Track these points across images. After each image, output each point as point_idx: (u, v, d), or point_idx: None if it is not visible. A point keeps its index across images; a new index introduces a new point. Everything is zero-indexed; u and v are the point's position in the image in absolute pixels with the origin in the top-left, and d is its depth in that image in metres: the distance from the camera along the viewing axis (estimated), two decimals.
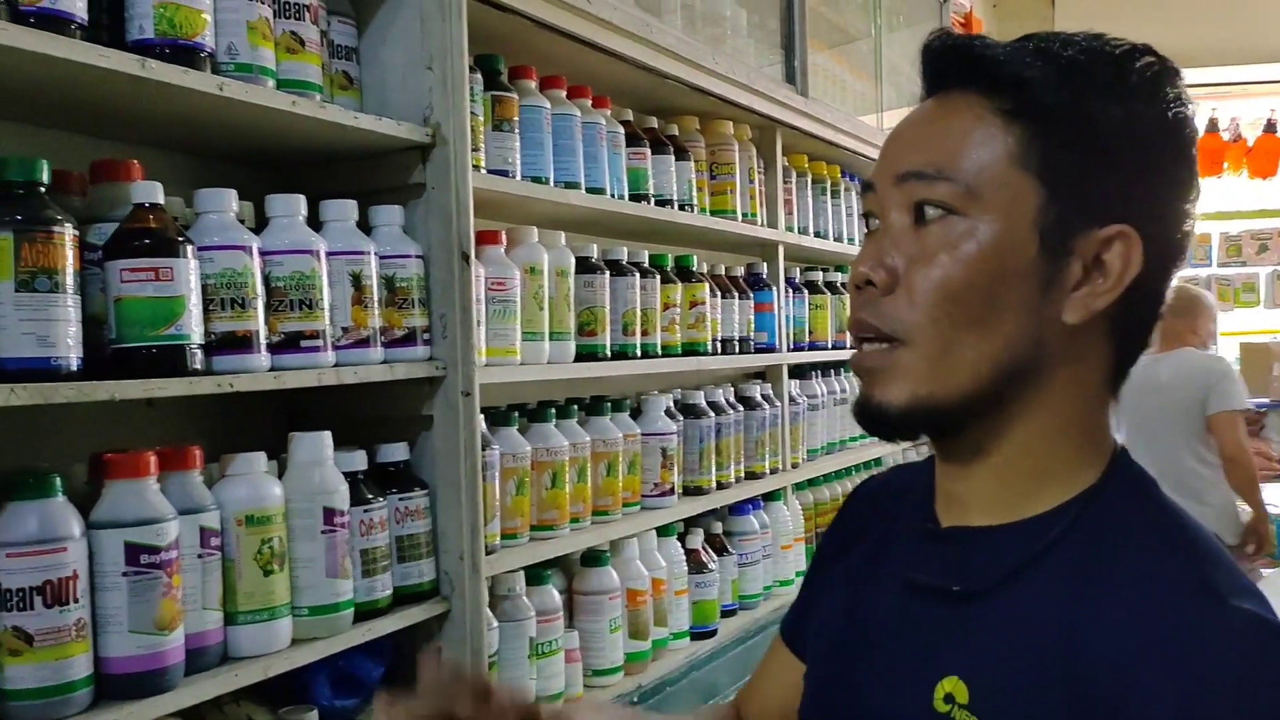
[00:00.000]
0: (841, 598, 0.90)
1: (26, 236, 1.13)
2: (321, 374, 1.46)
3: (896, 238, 0.79)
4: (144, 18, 1.28)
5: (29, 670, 1.13)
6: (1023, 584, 0.77)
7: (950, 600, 0.79)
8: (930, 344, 0.77)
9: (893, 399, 0.78)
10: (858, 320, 0.80)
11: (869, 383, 0.80)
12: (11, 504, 1.16)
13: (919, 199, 0.78)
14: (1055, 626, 0.73)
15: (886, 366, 0.78)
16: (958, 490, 0.83)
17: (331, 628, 1.46)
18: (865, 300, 0.79)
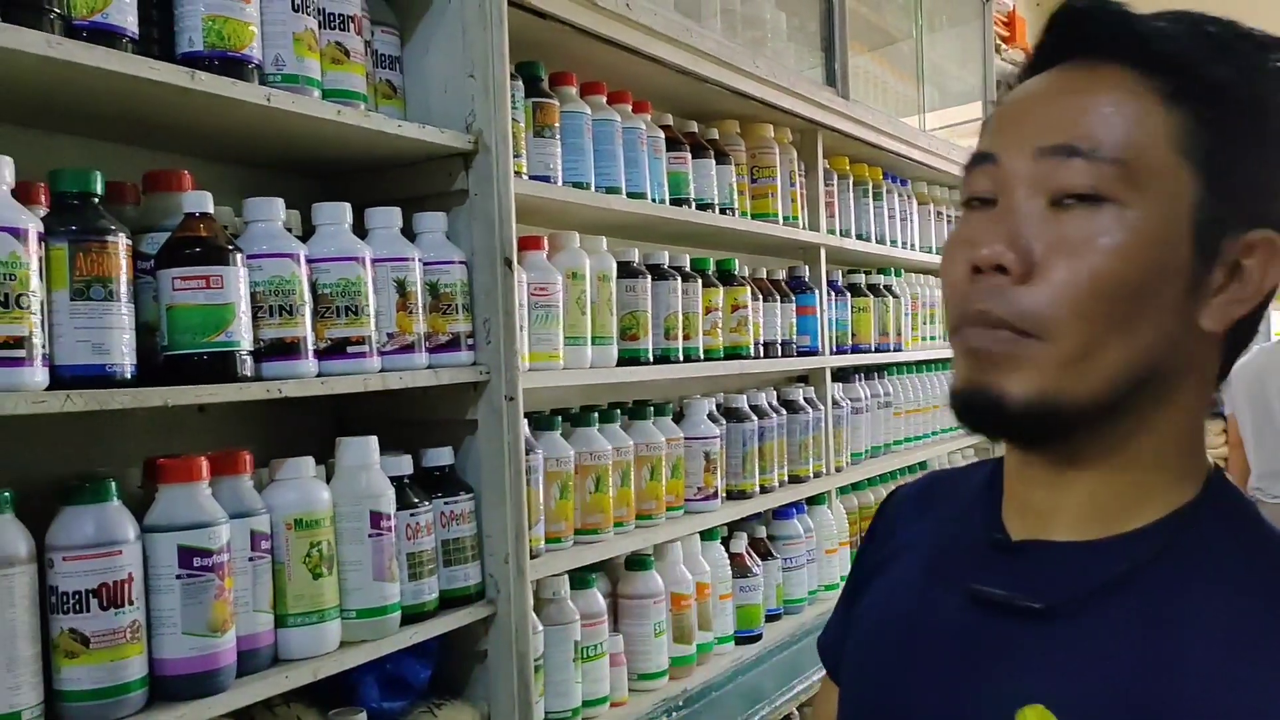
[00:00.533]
0: (890, 611, 0.84)
1: (81, 246, 1.16)
2: (367, 379, 1.48)
3: (1029, 219, 0.70)
4: (193, 31, 1.31)
5: (85, 671, 1.16)
6: (1110, 604, 0.70)
7: (1026, 617, 0.73)
8: (1071, 343, 0.69)
9: (1015, 390, 0.70)
10: (980, 312, 0.71)
11: (985, 367, 0.71)
12: (69, 508, 1.18)
13: (1064, 178, 0.70)
14: (1142, 657, 0.68)
15: (1013, 354, 0.70)
16: (1040, 500, 0.76)
17: (379, 630, 1.47)
18: (992, 288, 0.70)
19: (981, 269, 0.71)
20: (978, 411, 0.73)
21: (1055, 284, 0.69)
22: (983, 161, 0.75)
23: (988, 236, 0.71)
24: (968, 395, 0.73)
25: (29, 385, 1.09)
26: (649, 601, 2.05)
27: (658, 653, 2.07)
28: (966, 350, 0.73)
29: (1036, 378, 0.70)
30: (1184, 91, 0.70)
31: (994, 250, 0.70)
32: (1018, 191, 0.71)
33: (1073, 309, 0.69)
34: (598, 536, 1.93)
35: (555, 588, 1.85)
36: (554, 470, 1.83)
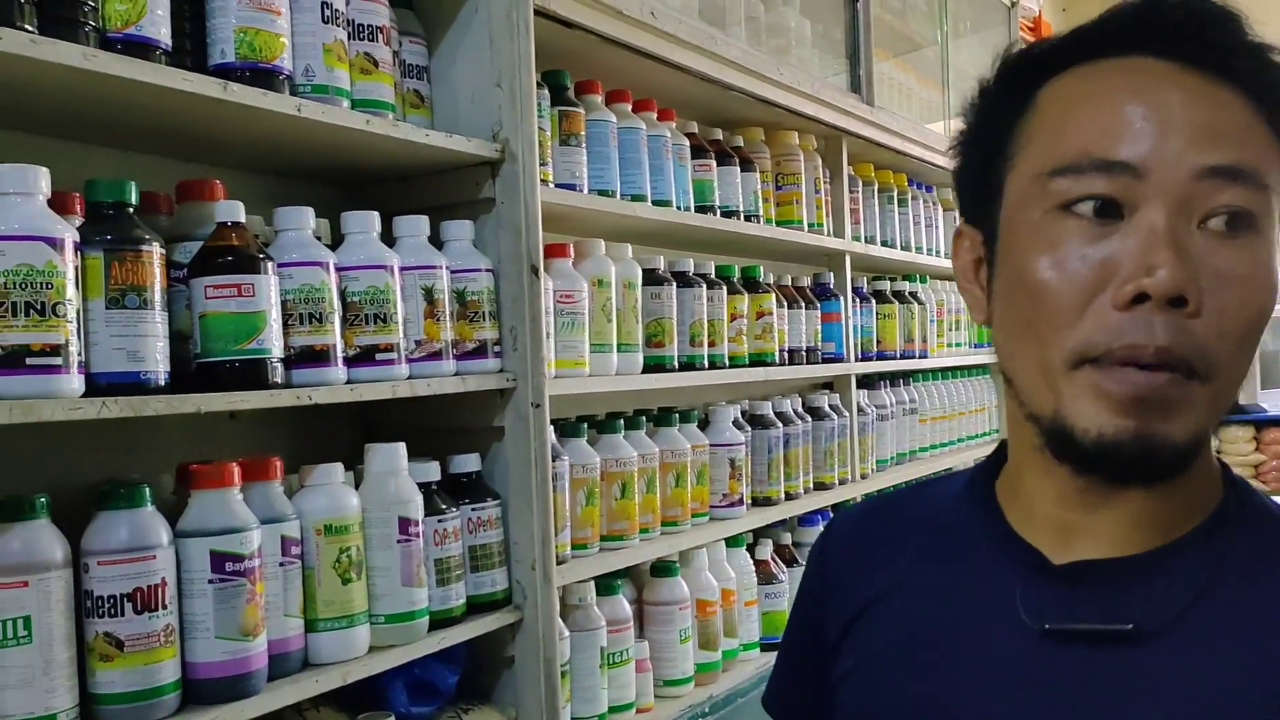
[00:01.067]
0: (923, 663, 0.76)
1: (116, 255, 1.18)
2: (396, 386, 1.49)
3: (1189, 245, 0.64)
4: (225, 42, 1.33)
5: (119, 675, 1.17)
6: (1201, 613, 0.68)
7: (1110, 644, 0.69)
8: (1227, 380, 0.66)
9: (1178, 435, 0.65)
10: (1165, 352, 0.63)
11: (1157, 415, 0.65)
12: (103, 513, 1.20)
13: (1225, 202, 0.65)
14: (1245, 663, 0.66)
15: (1179, 400, 0.65)
16: (1086, 522, 0.72)
17: (407, 635, 1.48)
18: (1171, 324, 0.63)
19: (1151, 297, 0.63)
20: (1135, 460, 0.66)
21: (1227, 318, 0.65)
22: (1116, 170, 0.66)
23: (1154, 258, 0.64)
24: (1132, 445, 0.65)
25: (65, 392, 1.11)
26: (674, 608, 2.05)
27: (683, 659, 2.07)
28: (1132, 396, 0.64)
29: (1194, 420, 0.66)
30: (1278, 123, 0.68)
31: (1175, 277, 0.63)
32: (1168, 209, 0.64)
33: (1238, 344, 0.65)
34: (623, 543, 1.94)
35: (581, 594, 1.85)
36: (580, 477, 1.84)
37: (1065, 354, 0.66)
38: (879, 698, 0.79)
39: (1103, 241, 0.66)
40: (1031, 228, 0.69)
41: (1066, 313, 0.66)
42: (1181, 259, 0.63)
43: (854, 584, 0.84)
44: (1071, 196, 0.67)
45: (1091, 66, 0.71)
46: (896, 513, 0.87)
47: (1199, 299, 0.64)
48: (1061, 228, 0.67)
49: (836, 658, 0.83)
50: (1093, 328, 0.65)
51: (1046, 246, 0.68)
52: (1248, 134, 0.66)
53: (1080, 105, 0.69)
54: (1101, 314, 0.65)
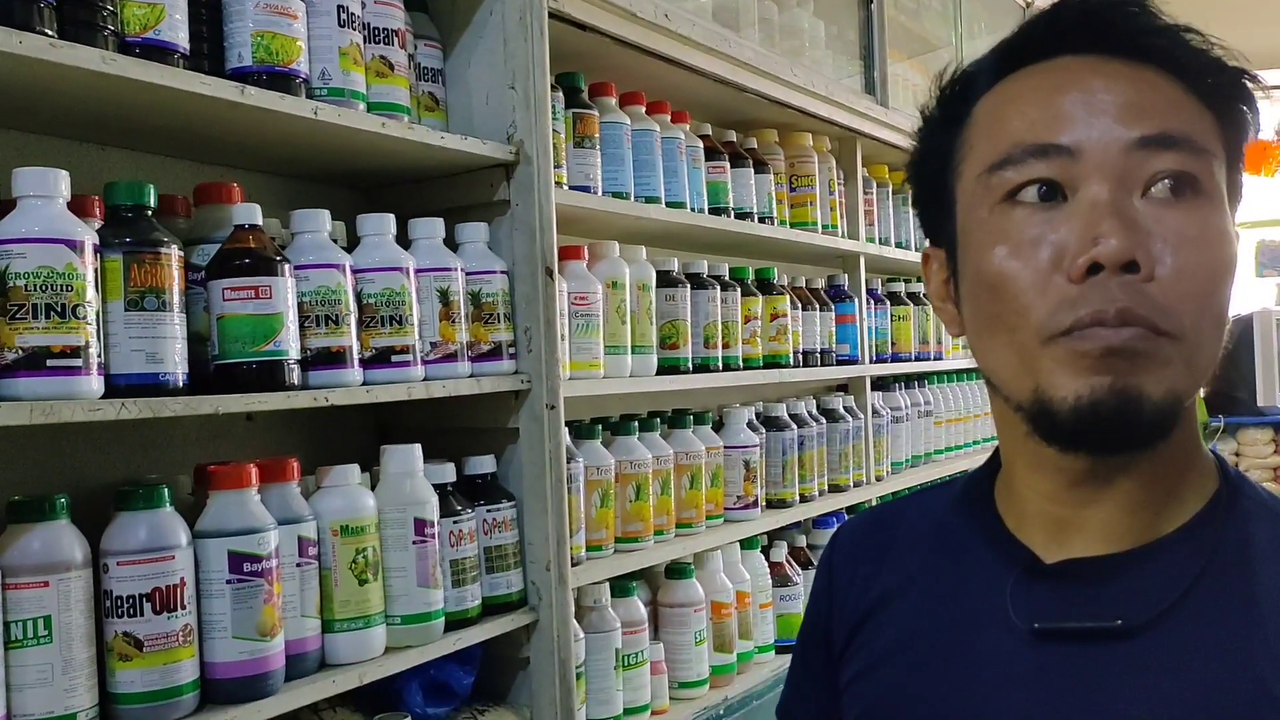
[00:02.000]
0: (919, 665, 0.77)
1: (135, 258, 1.19)
2: (411, 388, 1.50)
3: (1133, 213, 0.66)
4: (242, 46, 1.34)
5: (138, 675, 1.18)
6: (1191, 606, 0.69)
7: (1102, 641, 0.69)
8: (1196, 340, 0.67)
9: (1154, 391, 0.66)
10: (1125, 312, 0.65)
11: (1129, 369, 0.65)
12: (122, 514, 1.21)
13: (1161, 169, 0.67)
14: (1235, 655, 0.67)
15: (1152, 353, 0.66)
16: (1077, 517, 0.73)
17: (423, 636, 1.49)
18: (1127, 287, 0.65)
19: (1104, 266, 0.65)
20: (1115, 417, 0.66)
21: (1182, 279, 0.66)
22: (1050, 154, 0.68)
23: (1099, 228, 0.65)
24: (1110, 401, 0.66)
25: (85, 393, 1.12)
26: (689, 610, 2.05)
27: (698, 661, 2.07)
28: (1102, 351, 0.65)
29: (1168, 377, 0.66)
30: (1209, 91, 0.70)
31: (1123, 244, 0.65)
32: (1108, 183, 0.67)
33: (1197, 304, 0.66)
34: (638, 544, 1.94)
35: (596, 595, 1.86)
36: (595, 478, 1.84)
37: (1033, 334, 0.68)
38: (879, 700, 0.80)
39: (1050, 224, 0.68)
40: (982, 225, 0.72)
41: (1027, 295, 0.68)
42: (1126, 226, 0.65)
43: (859, 590, 0.85)
44: (1013, 185, 0.70)
45: (1018, 74, 0.74)
46: (900, 518, 0.88)
47: (1150, 263, 0.66)
48: (1009, 218, 0.70)
49: (842, 664, 0.84)
50: (1055, 305, 0.67)
51: (999, 238, 0.70)
52: (1175, 106, 0.69)
53: (1011, 104, 0.72)
54: (1060, 290, 0.67)
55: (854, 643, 0.83)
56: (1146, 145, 0.67)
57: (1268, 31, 4.92)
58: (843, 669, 0.84)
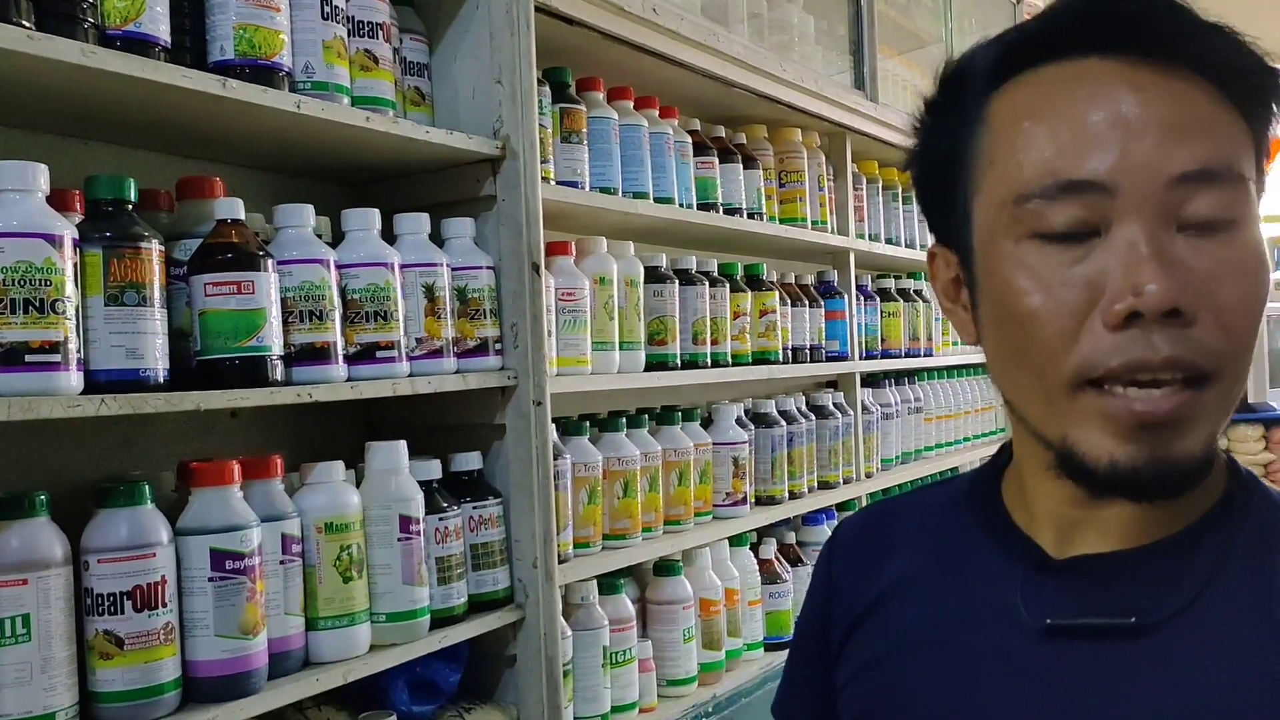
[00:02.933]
0: (923, 661, 0.76)
1: (115, 252, 1.18)
2: (396, 384, 1.49)
3: (1172, 252, 0.63)
4: (224, 39, 1.33)
5: (119, 673, 1.17)
6: (1204, 604, 0.68)
7: (1112, 636, 0.68)
8: (1232, 378, 0.65)
9: (1194, 449, 0.64)
10: (1172, 361, 0.62)
11: (1168, 435, 0.64)
12: (103, 511, 1.20)
13: (1203, 206, 0.64)
14: (1250, 653, 0.66)
15: (1192, 416, 0.64)
16: (1089, 518, 0.72)
17: (409, 634, 1.48)
18: (1172, 335, 0.62)
19: (1144, 314, 0.62)
20: (1154, 482, 0.65)
21: (1230, 315, 0.63)
22: (1085, 191, 0.64)
23: (1139, 275, 0.62)
24: (1149, 470, 0.64)
25: (64, 389, 1.11)
26: (678, 607, 2.05)
27: (687, 659, 2.06)
28: (1138, 420, 0.63)
29: (1207, 428, 0.65)
30: (1239, 96, 0.66)
31: (1166, 292, 0.61)
32: (1145, 222, 0.63)
33: (1240, 342, 0.64)
34: (626, 542, 1.93)
35: (584, 592, 1.85)
36: (582, 475, 1.83)
37: (1064, 380, 0.65)
38: (881, 698, 0.78)
39: (1084, 262, 0.64)
40: (1009, 258, 0.68)
41: (1059, 339, 0.65)
42: (1168, 270, 0.62)
43: (857, 588, 0.84)
44: (1044, 222, 0.66)
45: (1037, 74, 0.68)
46: (901, 515, 0.87)
47: (1195, 308, 0.63)
48: (1040, 254, 0.66)
49: (840, 662, 0.83)
50: (1090, 349, 0.64)
51: (1027, 275, 0.66)
52: (1212, 124, 0.65)
53: (1036, 122, 0.67)
54: (1096, 335, 0.64)
55: (852, 641, 0.82)
56: (1187, 180, 0.63)
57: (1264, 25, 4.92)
58: (840, 667, 0.83)
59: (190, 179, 1.40)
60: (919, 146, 0.77)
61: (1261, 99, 0.67)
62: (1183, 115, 0.64)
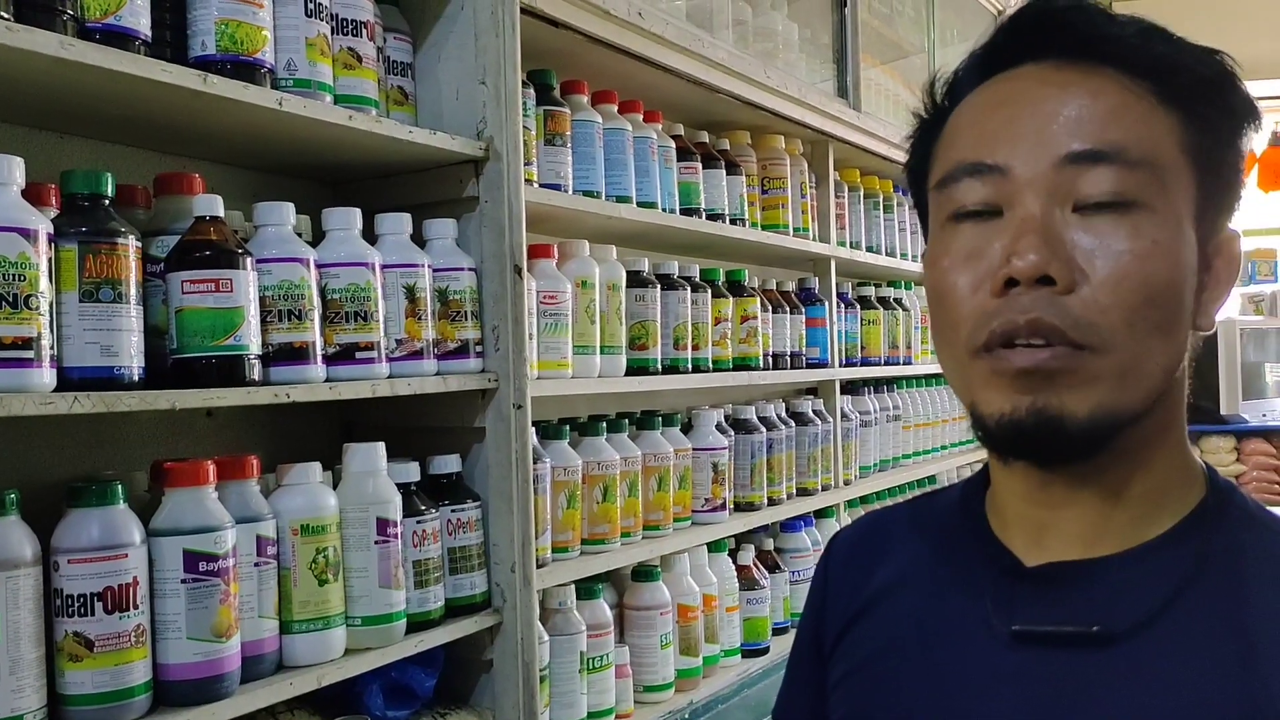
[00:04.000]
0: (903, 664, 0.78)
1: (91, 248, 1.16)
2: (376, 385, 1.47)
3: (1060, 227, 0.67)
4: (206, 34, 1.31)
5: (88, 676, 1.15)
6: (1173, 615, 0.68)
7: (1080, 645, 0.69)
8: (1124, 352, 0.66)
9: (1078, 409, 0.67)
10: (1035, 322, 0.66)
11: (1041, 387, 0.67)
12: (74, 511, 1.17)
13: (1093, 184, 0.67)
14: (1220, 666, 0.66)
15: (1073, 370, 0.66)
16: (1054, 520, 0.73)
17: (384, 638, 1.46)
18: (1038, 299, 0.66)
19: (1019, 281, 0.67)
20: (1038, 436, 0.68)
21: (1105, 291, 0.66)
22: (984, 172, 0.70)
23: (1018, 244, 0.67)
24: (1029, 421, 0.67)
25: (36, 386, 1.09)
26: (655, 613, 2.04)
27: (664, 664, 2.05)
28: (1017, 371, 0.67)
29: (1095, 394, 0.67)
30: (1173, 92, 0.69)
31: (1036, 260, 0.66)
32: (1037, 200, 0.68)
33: (1124, 316, 0.66)
34: (604, 546, 1.92)
35: (561, 597, 1.84)
36: (561, 479, 1.82)
37: (964, 348, 0.70)
38: (865, 701, 0.80)
39: (985, 240, 0.70)
40: (934, 239, 0.75)
41: (961, 308, 0.70)
42: (1046, 241, 0.67)
43: (851, 591, 0.86)
44: (954, 203, 0.72)
45: (987, 83, 0.75)
46: (896, 522, 0.88)
47: (1068, 276, 0.66)
48: (953, 234, 0.72)
49: (832, 664, 0.85)
50: (978, 318, 0.69)
51: (943, 253, 0.73)
52: (1119, 114, 0.68)
53: (965, 120, 0.74)
54: (983, 304, 0.69)
55: (843, 643, 0.84)
56: (1077, 161, 0.68)
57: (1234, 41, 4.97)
58: (832, 669, 0.84)
59: (168, 175, 1.39)
60: (908, 158, 0.82)
61: (1194, 95, 0.70)
62: (1085, 105, 0.69)
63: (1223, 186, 0.71)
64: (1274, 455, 4.87)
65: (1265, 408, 5.02)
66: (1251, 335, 5.01)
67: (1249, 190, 5.58)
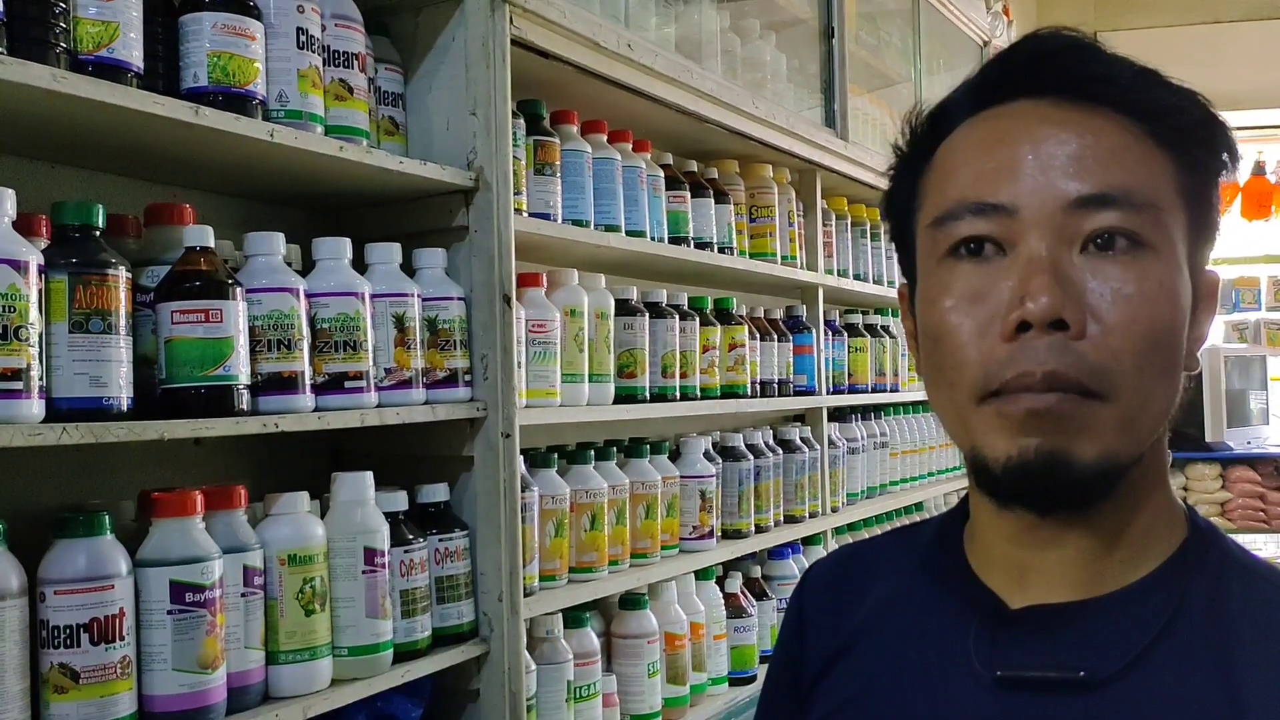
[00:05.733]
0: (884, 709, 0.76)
1: (81, 279, 1.16)
2: (364, 414, 1.47)
3: (1068, 270, 0.66)
4: (198, 66, 1.32)
5: (74, 708, 1.14)
6: (1157, 659, 0.68)
7: (1068, 690, 0.68)
8: (1132, 397, 0.66)
9: (1084, 454, 0.66)
10: (1051, 375, 0.65)
11: (1056, 431, 0.66)
12: (61, 541, 1.17)
13: (1099, 227, 0.67)
14: (1203, 710, 0.66)
15: (1082, 414, 0.66)
16: (1039, 561, 0.72)
17: (371, 668, 1.46)
18: (1053, 345, 0.65)
19: (1032, 324, 0.65)
20: (1045, 479, 0.67)
21: (1117, 335, 0.65)
22: (989, 212, 0.69)
23: (1030, 286, 0.66)
24: (1037, 464, 0.66)
25: (25, 417, 1.09)
26: (643, 641, 2.04)
27: (651, 693, 2.05)
28: (1026, 413, 0.66)
29: (1102, 441, 0.66)
30: (1167, 134, 0.70)
31: (1051, 301, 0.65)
32: (1044, 241, 0.67)
33: (1135, 362, 0.66)
34: (592, 575, 1.92)
35: (549, 626, 1.83)
36: (549, 508, 1.83)
37: (969, 393, 0.69)
38: None
39: (990, 279, 0.69)
40: (930, 277, 0.73)
41: (965, 351, 0.69)
42: (1058, 283, 0.66)
43: (829, 629, 0.84)
44: (954, 241, 0.71)
45: (978, 117, 0.74)
46: (872, 558, 0.87)
47: (1081, 320, 0.65)
48: (952, 273, 0.71)
49: (811, 703, 0.83)
50: (988, 363, 0.67)
51: (942, 292, 0.71)
52: (1121, 157, 0.68)
53: (960, 155, 0.73)
54: (994, 348, 0.67)
55: (821, 685, 0.82)
56: (1085, 204, 0.67)
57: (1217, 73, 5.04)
58: (811, 709, 0.83)
59: (159, 205, 1.39)
60: (886, 192, 0.82)
61: (1186, 138, 0.70)
62: (1090, 146, 0.68)
63: (1208, 225, 0.72)
64: (1259, 483, 4.89)
65: (1250, 435, 5.05)
66: (1235, 363, 5.05)
67: (1232, 219, 5.65)
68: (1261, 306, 6.40)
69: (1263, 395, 5.24)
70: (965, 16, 3.79)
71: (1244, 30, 5.21)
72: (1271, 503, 4.85)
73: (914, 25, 3.54)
